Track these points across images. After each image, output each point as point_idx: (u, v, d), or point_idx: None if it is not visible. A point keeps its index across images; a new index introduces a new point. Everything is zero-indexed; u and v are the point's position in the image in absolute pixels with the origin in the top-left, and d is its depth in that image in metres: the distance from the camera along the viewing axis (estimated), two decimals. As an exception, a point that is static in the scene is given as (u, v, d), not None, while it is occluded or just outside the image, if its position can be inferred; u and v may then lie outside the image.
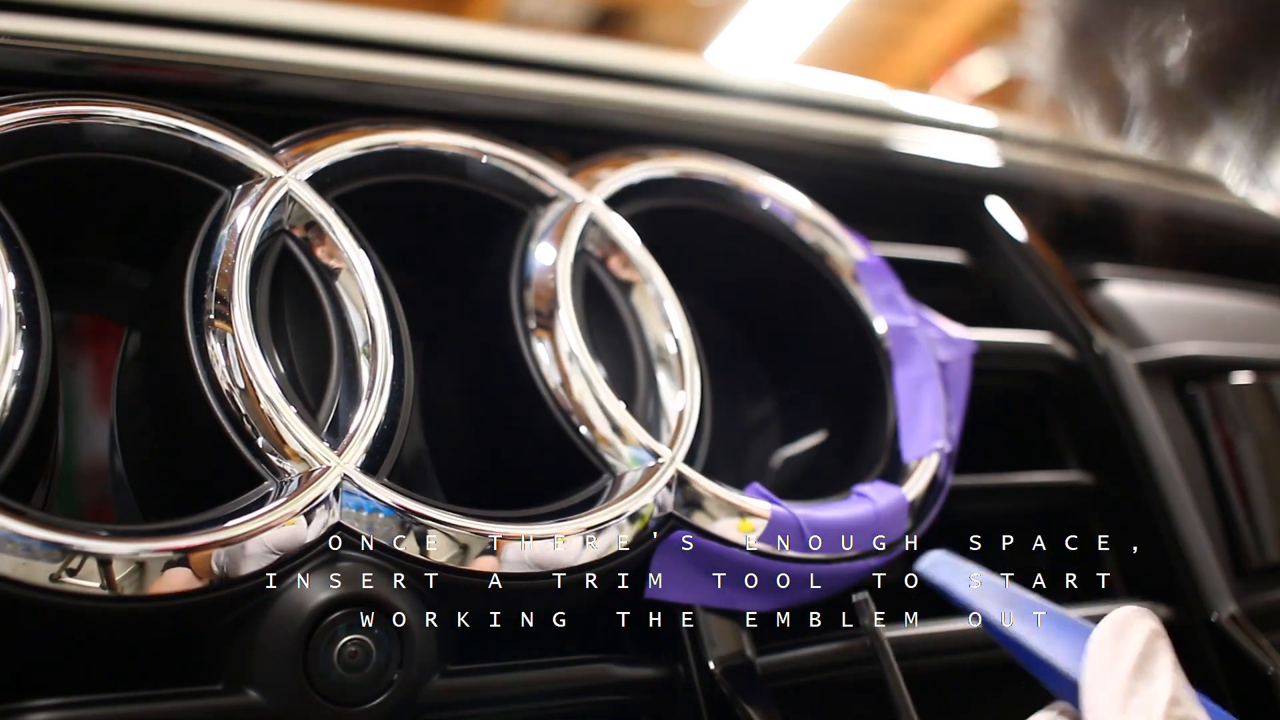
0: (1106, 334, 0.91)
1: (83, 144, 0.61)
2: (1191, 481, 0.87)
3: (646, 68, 0.95)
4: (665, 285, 0.73)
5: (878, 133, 0.99)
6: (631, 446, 0.66)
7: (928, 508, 0.74)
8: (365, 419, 0.60)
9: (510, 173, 0.72)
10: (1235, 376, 0.93)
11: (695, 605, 0.66)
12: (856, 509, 0.70)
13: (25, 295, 0.56)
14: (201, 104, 0.66)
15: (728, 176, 0.80)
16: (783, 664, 0.68)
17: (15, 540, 0.50)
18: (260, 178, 0.64)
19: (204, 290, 0.60)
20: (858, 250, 0.82)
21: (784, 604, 0.69)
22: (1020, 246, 0.95)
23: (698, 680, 0.65)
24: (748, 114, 0.93)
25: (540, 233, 0.71)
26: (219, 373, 0.58)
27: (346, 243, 0.64)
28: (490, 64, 0.85)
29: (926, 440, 0.75)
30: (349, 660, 0.55)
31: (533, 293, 0.69)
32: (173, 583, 0.53)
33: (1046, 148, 1.10)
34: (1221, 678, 0.81)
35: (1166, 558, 0.84)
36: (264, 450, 0.58)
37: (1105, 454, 0.88)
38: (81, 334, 0.69)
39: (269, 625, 0.54)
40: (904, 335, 0.79)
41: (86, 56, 0.68)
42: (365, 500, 0.58)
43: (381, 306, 0.63)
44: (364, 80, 0.77)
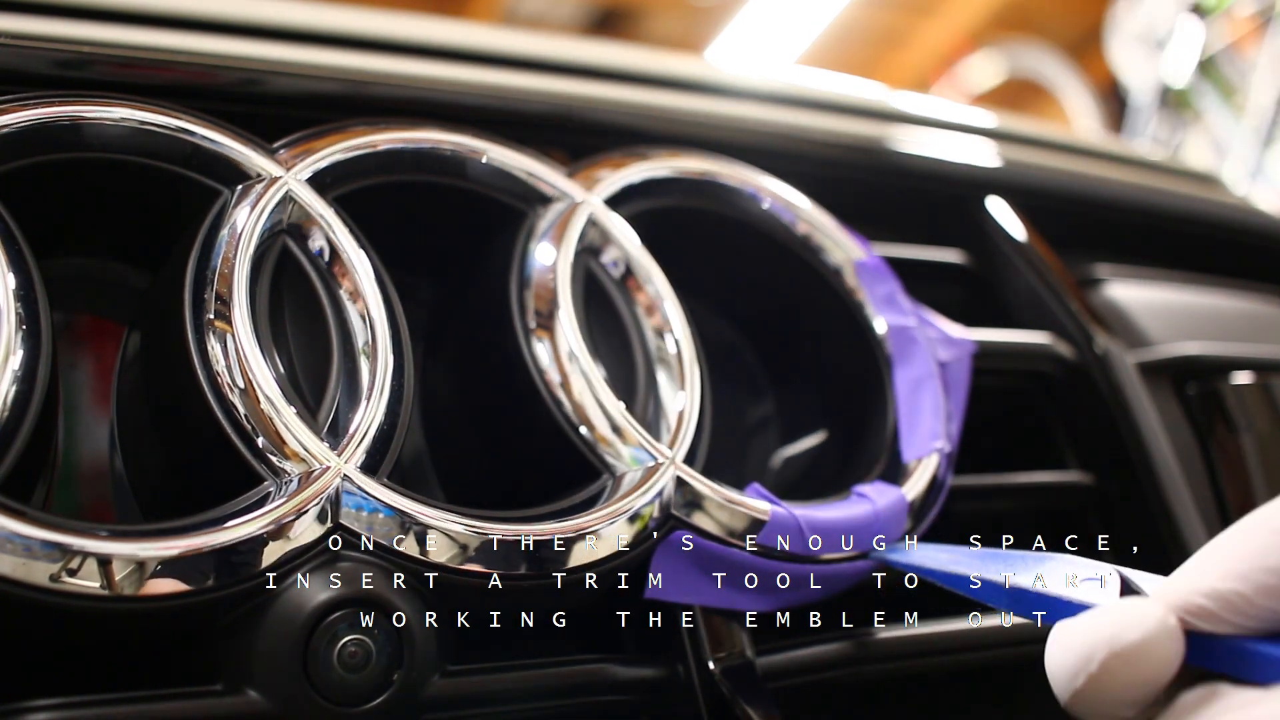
0: (1106, 334, 0.91)
1: (83, 144, 0.61)
2: (1191, 481, 0.87)
3: (646, 68, 0.95)
4: (665, 285, 0.73)
5: (878, 133, 0.99)
6: (631, 447, 0.66)
7: (928, 508, 0.74)
8: (365, 419, 0.60)
9: (510, 173, 0.72)
10: (1235, 376, 0.93)
11: (695, 605, 0.66)
12: (856, 509, 0.70)
13: (25, 295, 0.56)
14: (201, 104, 0.66)
15: (727, 176, 0.80)
16: (783, 664, 0.68)
17: (15, 540, 0.50)
18: (260, 178, 0.64)
19: (204, 290, 0.60)
20: (857, 250, 0.82)
21: (784, 604, 0.69)
22: (1020, 246, 0.95)
23: (697, 680, 0.65)
24: (748, 114, 0.93)
25: (540, 233, 0.72)
26: (219, 373, 0.58)
27: (346, 243, 0.64)
28: (490, 64, 0.85)
29: (926, 440, 0.75)
30: (349, 660, 0.55)
31: (533, 293, 0.69)
32: (172, 583, 0.53)
33: (1047, 147, 1.10)
34: (1221, 678, 0.81)
35: (1166, 558, 0.84)
36: (264, 450, 0.58)
37: (1105, 454, 0.88)
38: (81, 334, 0.69)
39: (269, 625, 0.54)
40: (904, 335, 0.79)
41: (86, 56, 0.68)
42: (365, 500, 0.58)
43: (381, 306, 0.63)
44: (364, 80, 0.77)
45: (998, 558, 0.59)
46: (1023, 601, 0.56)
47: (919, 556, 0.65)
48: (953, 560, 0.62)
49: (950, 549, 0.64)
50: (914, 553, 0.66)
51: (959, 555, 0.62)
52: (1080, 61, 5.97)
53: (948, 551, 0.64)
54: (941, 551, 0.64)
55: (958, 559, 0.62)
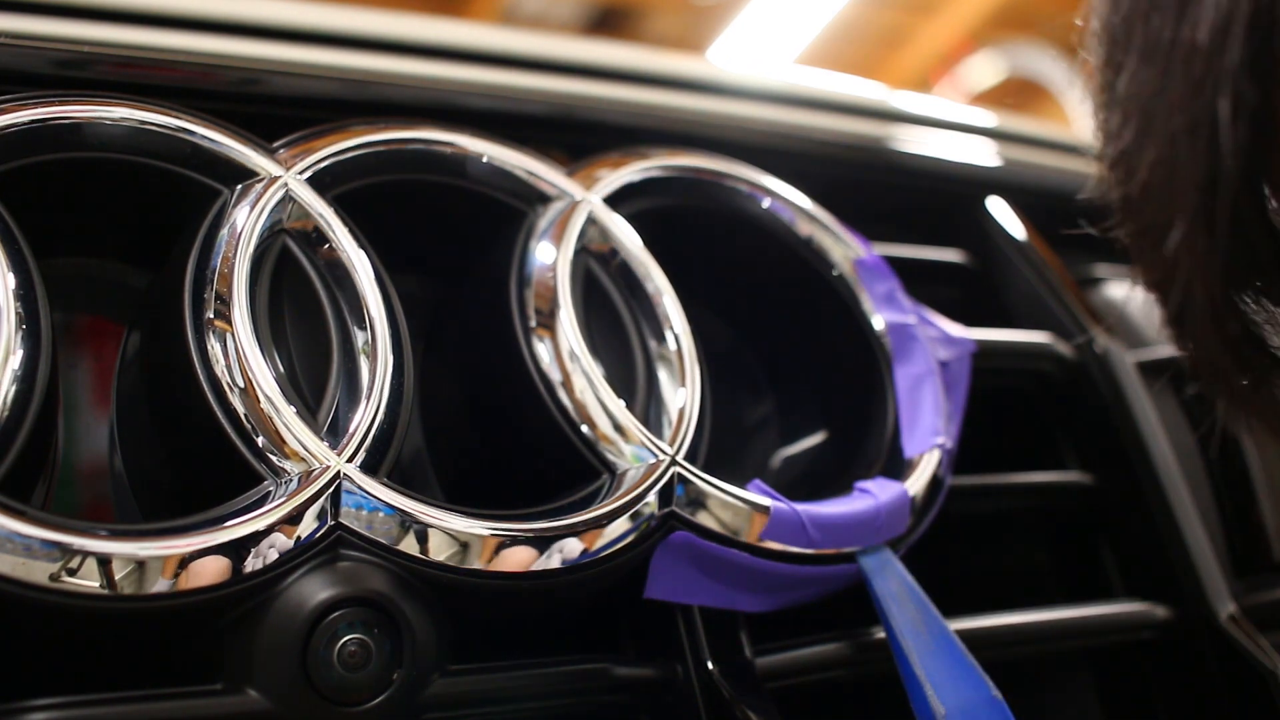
0: (1106, 334, 0.91)
1: (83, 144, 0.61)
2: (1191, 481, 0.87)
3: (646, 67, 0.95)
4: (665, 283, 0.73)
5: (878, 132, 0.98)
6: (633, 445, 0.66)
7: (930, 504, 0.74)
8: (365, 419, 0.60)
9: (510, 172, 0.72)
10: (1235, 376, 0.93)
11: (695, 605, 0.66)
12: (859, 504, 0.70)
13: (25, 295, 0.56)
14: (201, 104, 0.66)
15: (727, 175, 0.80)
16: (782, 664, 0.68)
17: (15, 540, 0.50)
18: (260, 177, 0.64)
19: (204, 290, 0.60)
20: (857, 249, 0.82)
21: (784, 603, 0.69)
22: (1020, 246, 0.95)
23: (696, 680, 0.65)
24: (748, 113, 0.93)
25: (540, 232, 0.71)
26: (219, 372, 0.58)
27: (346, 242, 0.64)
28: (490, 63, 0.85)
29: (927, 436, 0.75)
30: (349, 660, 0.55)
31: (533, 292, 0.69)
32: (172, 582, 0.53)
33: (1047, 147, 1.10)
34: (1221, 677, 0.81)
35: (1166, 557, 0.84)
36: (264, 450, 0.58)
37: (1105, 454, 0.88)
38: (81, 334, 0.69)
39: (269, 625, 0.55)
40: (904, 333, 0.79)
41: (86, 56, 0.68)
42: (365, 500, 0.58)
43: (381, 306, 0.63)
44: (364, 80, 0.77)
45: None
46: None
47: (893, 605, 0.65)
48: (914, 629, 0.62)
49: (924, 608, 0.64)
50: (892, 590, 0.66)
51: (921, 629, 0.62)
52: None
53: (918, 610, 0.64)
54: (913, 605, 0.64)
55: (918, 633, 0.62)
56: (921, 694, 0.59)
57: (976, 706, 0.58)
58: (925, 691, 0.59)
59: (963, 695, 0.59)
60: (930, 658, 0.61)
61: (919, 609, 0.64)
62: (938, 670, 0.60)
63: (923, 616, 0.63)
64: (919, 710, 0.60)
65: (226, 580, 0.54)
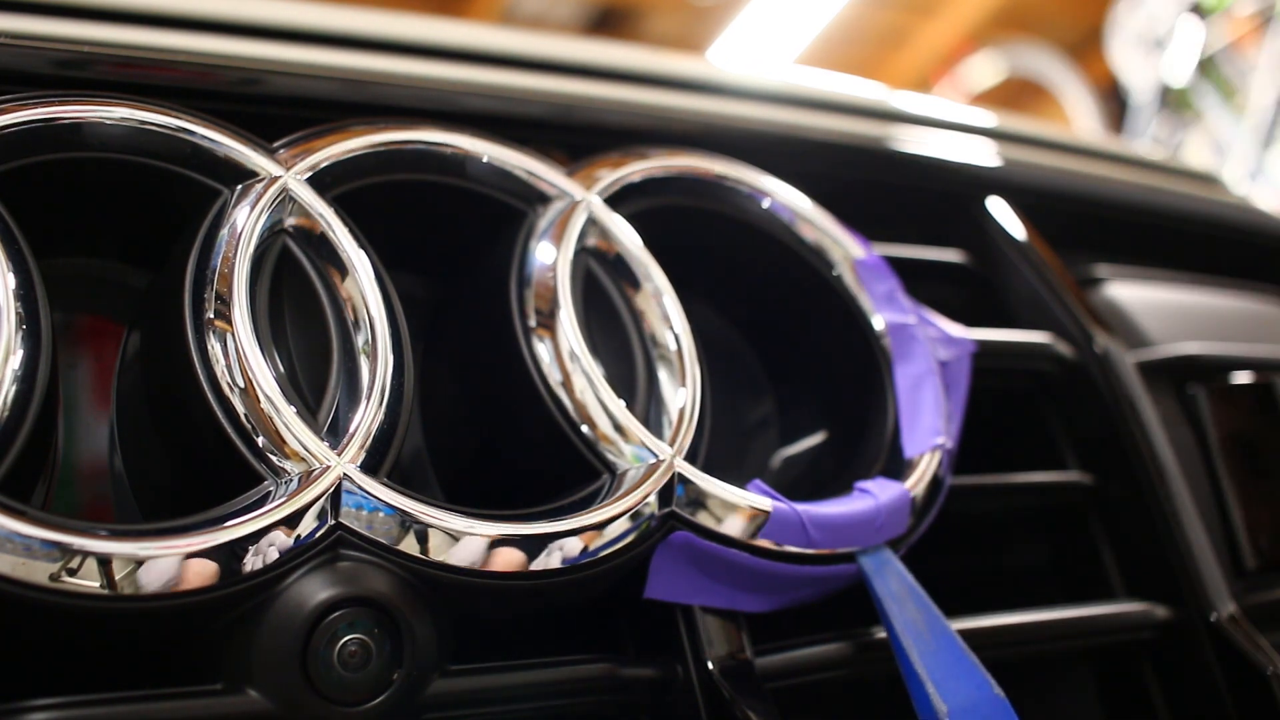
0: (1106, 334, 0.91)
1: (83, 144, 0.61)
2: (1191, 481, 0.87)
3: (646, 68, 0.95)
4: (664, 283, 0.73)
5: (878, 132, 0.99)
6: (633, 445, 0.66)
7: (930, 504, 0.74)
8: (365, 419, 0.60)
9: (510, 172, 0.72)
10: (1235, 376, 0.93)
11: (695, 605, 0.66)
12: (859, 504, 0.70)
13: (25, 295, 0.56)
14: (201, 104, 0.66)
15: (727, 175, 0.80)
16: (782, 664, 0.68)
17: (15, 540, 0.50)
18: (260, 177, 0.64)
19: (204, 290, 0.60)
20: (857, 249, 0.82)
21: (784, 603, 0.69)
22: (1020, 246, 0.95)
23: (697, 680, 0.65)
24: (748, 114, 0.93)
25: (540, 232, 0.71)
26: (219, 372, 0.58)
27: (346, 242, 0.64)
28: (490, 64, 0.86)
29: (927, 436, 0.75)
30: (349, 660, 0.55)
31: (533, 292, 0.69)
32: (172, 582, 0.53)
33: (1047, 147, 1.10)
34: (1221, 678, 0.81)
35: (1166, 557, 0.84)
36: (264, 450, 0.58)
37: (1105, 454, 0.88)
38: (81, 334, 0.69)
39: (269, 625, 0.54)
40: (904, 333, 0.79)
41: (86, 56, 0.68)
42: (365, 500, 0.58)
43: (381, 306, 0.63)
44: (364, 80, 0.77)
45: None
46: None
47: (893, 605, 0.65)
48: (914, 629, 0.62)
49: (924, 606, 0.64)
50: (892, 590, 0.66)
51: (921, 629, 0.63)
52: (1080, 61, 5.97)
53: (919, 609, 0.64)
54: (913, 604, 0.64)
55: (919, 633, 0.62)
56: (924, 692, 0.59)
57: (979, 704, 0.58)
58: (927, 690, 0.59)
59: (965, 693, 0.59)
60: (932, 656, 0.61)
61: (920, 608, 0.64)
62: (939, 669, 0.60)
63: (924, 616, 0.63)
64: (921, 709, 0.60)
65: (226, 580, 0.54)
